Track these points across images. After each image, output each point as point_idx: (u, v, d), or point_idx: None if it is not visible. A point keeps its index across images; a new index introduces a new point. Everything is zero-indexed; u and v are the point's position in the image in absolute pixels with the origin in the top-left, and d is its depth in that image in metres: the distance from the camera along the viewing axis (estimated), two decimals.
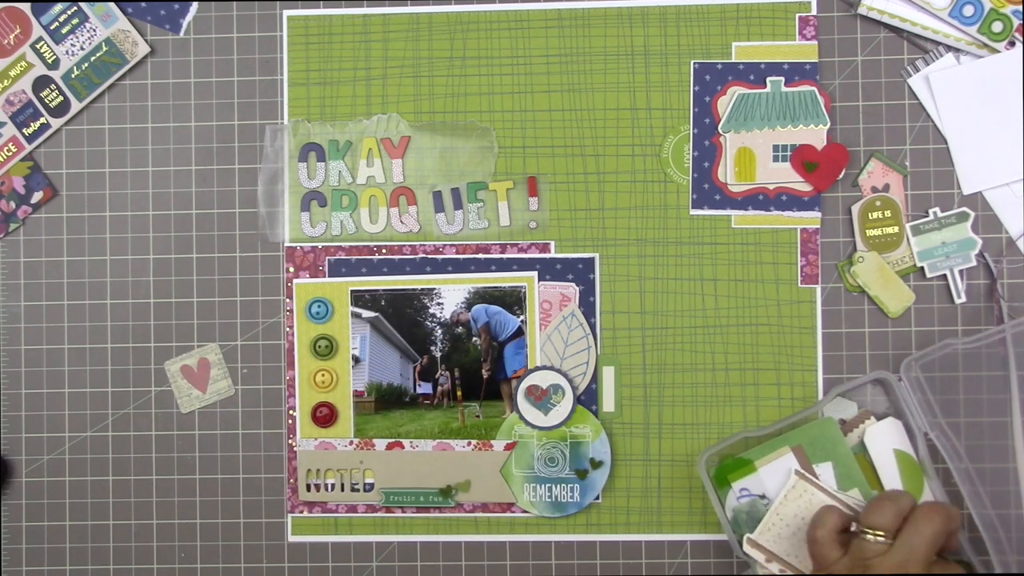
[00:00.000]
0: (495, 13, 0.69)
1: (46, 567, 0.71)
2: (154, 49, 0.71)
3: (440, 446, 0.69)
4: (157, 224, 0.71)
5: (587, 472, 0.68)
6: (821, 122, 0.67)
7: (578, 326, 0.69)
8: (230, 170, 0.70)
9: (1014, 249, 0.68)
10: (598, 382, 0.69)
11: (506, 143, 0.69)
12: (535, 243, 0.69)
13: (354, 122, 0.70)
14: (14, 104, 0.70)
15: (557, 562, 0.69)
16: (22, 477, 0.71)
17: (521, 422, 0.69)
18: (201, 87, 0.70)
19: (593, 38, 0.69)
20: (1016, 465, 0.65)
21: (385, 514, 0.70)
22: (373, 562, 0.70)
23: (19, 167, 0.70)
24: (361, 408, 0.70)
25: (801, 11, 0.68)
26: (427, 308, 0.69)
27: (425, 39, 0.70)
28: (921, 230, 0.68)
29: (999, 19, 0.66)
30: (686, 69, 0.69)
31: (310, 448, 0.70)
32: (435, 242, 0.69)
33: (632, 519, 0.69)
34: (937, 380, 0.67)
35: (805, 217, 0.68)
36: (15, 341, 0.71)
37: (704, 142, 0.68)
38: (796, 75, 0.68)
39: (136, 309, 0.71)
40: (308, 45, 0.70)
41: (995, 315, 0.67)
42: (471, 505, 0.69)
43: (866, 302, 0.68)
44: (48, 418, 0.71)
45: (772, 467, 0.65)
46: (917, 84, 0.68)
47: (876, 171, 0.68)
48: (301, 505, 0.70)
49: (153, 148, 0.71)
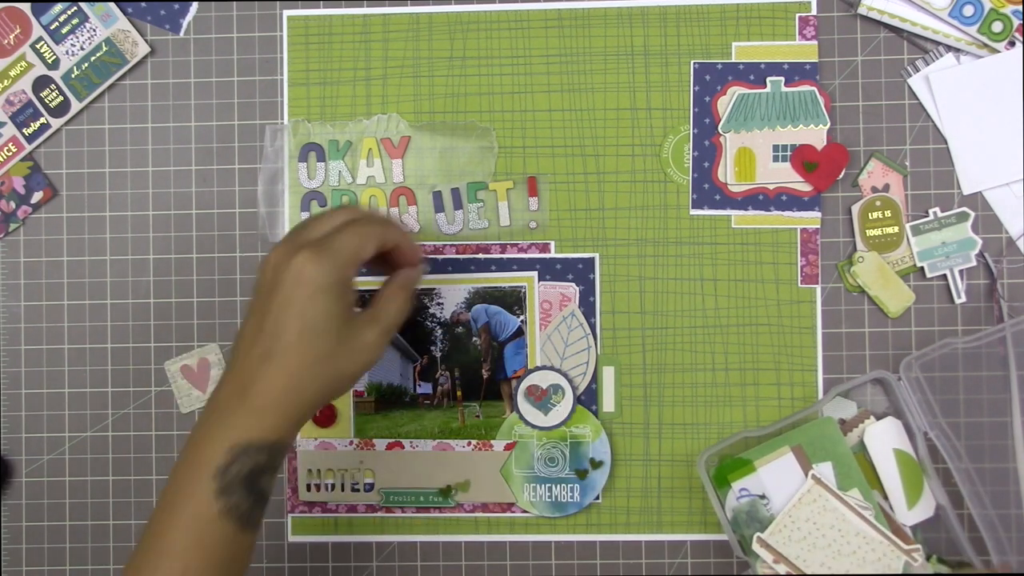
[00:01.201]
0: (495, 13, 0.69)
1: (46, 567, 0.71)
2: (154, 49, 0.71)
3: (440, 446, 0.69)
4: (157, 224, 0.71)
5: (587, 472, 0.68)
6: (821, 122, 0.67)
7: (578, 326, 0.69)
8: (230, 170, 0.70)
9: (1014, 249, 0.68)
10: (598, 382, 0.69)
11: (506, 143, 0.69)
12: (535, 243, 0.69)
13: (354, 122, 0.70)
14: (14, 104, 0.70)
15: (557, 562, 0.69)
16: (22, 477, 0.71)
17: (521, 422, 0.69)
18: (201, 87, 0.70)
19: (593, 38, 0.69)
20: (1016, 465, 0.65)
21: (385, 514, 0.70)
22: (373, 562, 0.70)
23: (19, 167, 0.70)
24: (361, 408, 0.70)
25: (801, 11, 0.68)
26: (427, 308, 0.69)
27: (425, 39, 0.70)
28: (921, 230, 0.68)
29: (999, 19, 0.66)
30: (686, 69, 0.69)
31: (310, 448, 0.70)
32: (435, 242, 0.69)
33: (632, 519, 0.69)
34: (937, 380, 0.67)
35: (805, 217, 0.68)
36: (15, 341, 0.71)
37: (704, 142, 0.68)
38: (796, 75, 0.68)
39: (136, 309, 0.71)
40: (308, 45, 0.70)
41: (995, 315, 0.67)
42: (471, 505, 0.69)
43: (866, 302, 0.68)
44: (48, 418, 0.71)
45: (772, 467, 0.65)
46: (917, 84, 0.68)
47: (876, 171, 0.68)
48: (301, 505, 0.70)
49: (153, 148, 0.71)
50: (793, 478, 0.65)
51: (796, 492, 0.64)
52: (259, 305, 0.54)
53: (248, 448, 0.52)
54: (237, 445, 0.52)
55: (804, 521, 0.64)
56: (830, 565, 0.64)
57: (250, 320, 0.54)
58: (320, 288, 0.52)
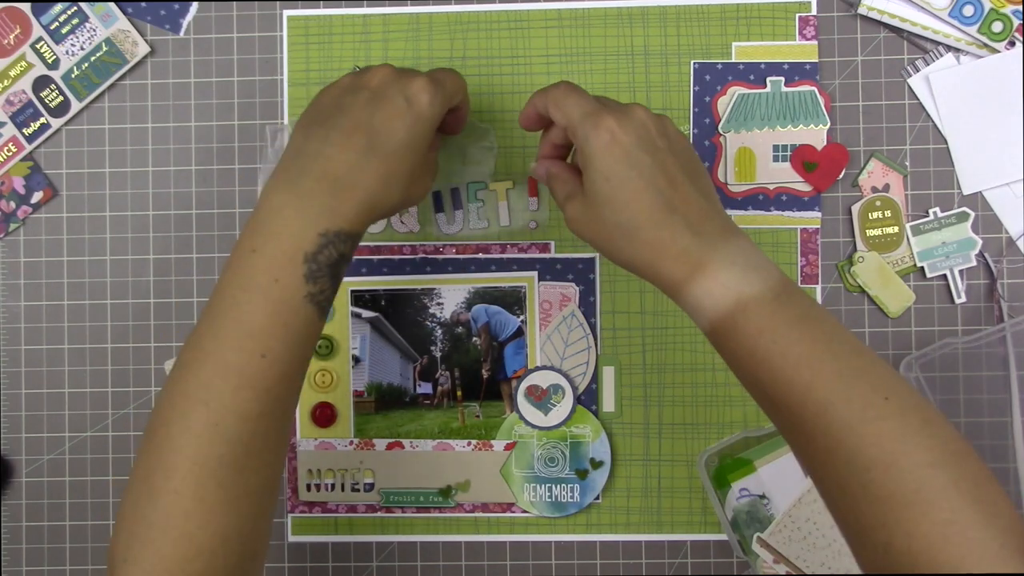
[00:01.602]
0: (495, 13, 0.69)
1: (46, 567, 0.71)
2: (154, 49, 0.71)
3: (440, 446, 0.69)
4: (157, 224, 0.71)
5: (587, 472, 0.68)
6: (821, 122, 0.67)
7: (578, 326, 0.69)
8: (230, 170, 0.70)
9: (1014, 249, 0.68)
10: (598, 382, 0.69)
11: (506, 143, 0.69)
12: (535, 243, 0.69)
13: None
14: (14, 104, 0.70)
15: (557, 562, 0.69)
16: (22, 477, 0.71)
17: (521, 422, 0.69)
18: (201, 87, 0.70)
19: (593, 38, 0.69)
20: (1016, 465, 0.65)
21: (385, 514, 0.70)
22: (373, 562, 0.70)
23: (19, 167, 0.70)
24: (361, 408, 0.70)
25: (801, 11, 0.68)
26: (427, 308, 0.69)
27: (425, 39, 0.70)
28: (921, 230, 0.68)
29: (999, 19, 0.66)
30: (686, 69, 0.69)
31: (310, 448, 0.70)
32: (435, 242, 0.69)
33: (632, 519, 0.69)
34: (937, 380, 0.67)
35: (805, 217, 0.68)
36: (15, 341, 0.71)
37: (704, 142, 0.68)
38: (796, 75, 0.68)
39: (136, 309, 0.71)
40: (308, 45, 0.70)
41: (995, 315, 0.67)
42: (471, 505, 0.69)
43: (866, 302, 0.68)
44: (48, 418, 0.71)
45: (772, 467, 0.65)
46: (917, 84, 0.68)
47: (876, 171, 0.68)
48: (301, 505, 0.70)
49: (153, 148, 0.71)
50: (793, 478, 0.65)
51: (796, 492, 0.64)
52: (361, 102, 0.55)
53: (339, 235, 0.53)
54: (329, 231, 0.53)
55: (804, 521, 0.64)
56: (830, 565, 0.64)
57: (347, 113, 0.55)
58: (428, 115, 0.56)
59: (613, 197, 0.53)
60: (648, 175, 0.53)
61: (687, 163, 0.55)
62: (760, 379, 0.51)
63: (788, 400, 0.50)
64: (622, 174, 0.53)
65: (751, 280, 0.52)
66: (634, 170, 0.52)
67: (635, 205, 0.53)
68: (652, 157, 0.53)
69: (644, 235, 0.53)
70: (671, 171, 0.53)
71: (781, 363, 0.50)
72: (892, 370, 0.50)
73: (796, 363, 0.50)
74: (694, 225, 0.53)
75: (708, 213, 0.53)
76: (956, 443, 0.48)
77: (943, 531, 0.45)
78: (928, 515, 0.46)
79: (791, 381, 0.50)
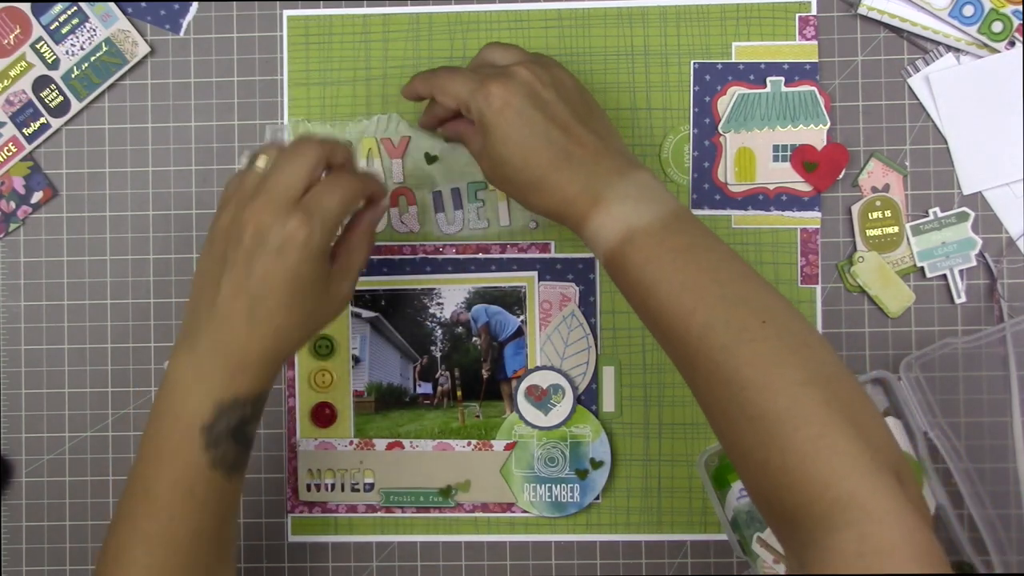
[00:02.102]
0: (495, 13, 0.69)
1: (46, 567, 0.71)
2: (154, 49, 0.71)
3: (440, 446, 0.69)
4: (157, 224, 0.71)
5: (587, 472, 0.68)
6: (821, 122, 0.67)
7: (578, 326, 0.69)
8: (230, 170, 0.70)
9: (1014, 249, 0.68)
10: (598, 382, 0.69)
11: None
12: (535, 243, 0.69)
13: (354, 122, 0.70)
14: (14, 104, 0.70)
15: (557, 562, 0.69)
16: (22, 477, 0.71)
17: (521, 422, 0.69)
18: (201, 87, 0.70)
19: (593, 38, 0.69)
20: (1016, 465, 0.65)
21: (385, 514, 0.70)
22: (373, 562, 0.70)
23: (19, 167, 0.70)
24: (361, 408, 0.70)
25: (801, 11, 0.68)
26: (427, 308, 0.69)
27: (425, 39, 0.70)
28: (921, 230, 0.68)
29: (999, 19, 0.66)
30: (686, 69, 0.69)
31: (310, 448, 0.70)
32: (435, 242, 0.69)
33: (632, 519, 0.69)
34: (937, 380, 0.67)
35: (805, 217, 0.68)
36: (15, 341, 0.71)
37: (704, 142, 0.68)
38: (796, 75, 0.68)
39: (136, 309, 0.71)
40: (308, 45, 0.70)
41: (995, 315, 0.67)
42: (471, 505, 0.69)
43: (866, 302, 0.68)
44: (48, 418, 0.71)
45: None
46: (917, 84, 0.68)
47: (876, 171, 0.68)
48: (301, 505, 0.70)
49: (153, 148, 0.71)
50: None
51: None
52: (240, 259, 0.53)
53: (235, 403, 0.54)
54: (223, 401, 0.53)
55: None
56: None
57: (228, 273, 0.53)
58: (311, 254, 0.53)
59: (513, 156, 0.56)
60: (541, 130, 0.55)
61: (578, 107, 0.57)
62: (649, 308, 0.53)
63: (674, 327, 0.52)
64: (516, 136, 0.55)
65: (641, 212, 0.54)
66: (526, 128, 0.55)
67: (534, 160, 0.55)
68: (543, 111, 0.56)
69: (547, 184, 0.56)
70: (562, 118, 0.56)
71: (667, 289, 0.52)
72: (778, 296, 0.52)
73: (680, 290, 0.51)
74: (588, 165, 0.55)
75: (603, 152, 0.56)
76: (833, 367, 0.50)
77: (815, 444, 0.46)
78: (800, 430, 0.47)
79: (675, 308, 0.52)
